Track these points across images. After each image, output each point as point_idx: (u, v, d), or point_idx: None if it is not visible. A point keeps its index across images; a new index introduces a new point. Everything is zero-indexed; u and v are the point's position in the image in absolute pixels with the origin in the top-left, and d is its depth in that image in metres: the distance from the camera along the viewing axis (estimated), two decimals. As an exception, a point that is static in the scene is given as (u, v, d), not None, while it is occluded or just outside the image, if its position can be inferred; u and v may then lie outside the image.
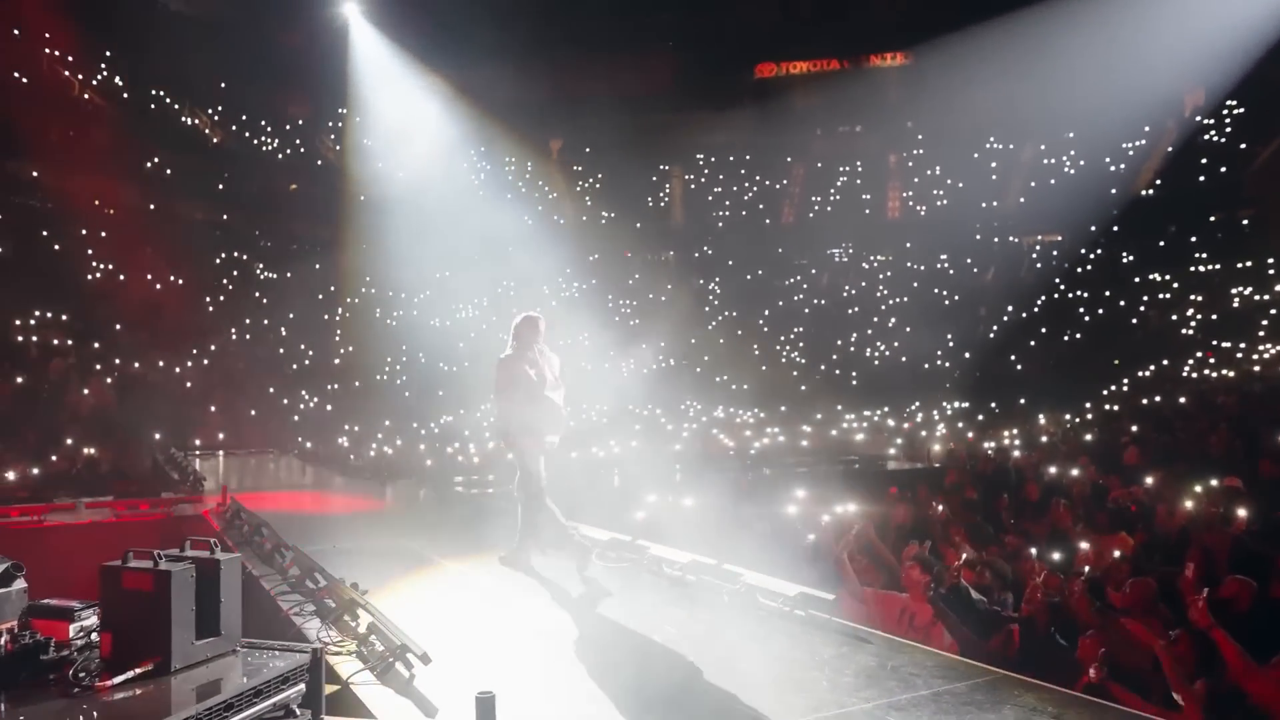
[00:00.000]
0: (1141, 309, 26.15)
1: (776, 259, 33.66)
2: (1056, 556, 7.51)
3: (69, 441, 14.13)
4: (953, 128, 32.47)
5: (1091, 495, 11.51)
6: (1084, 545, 7.61)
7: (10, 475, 10.41)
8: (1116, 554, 7.62)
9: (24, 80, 27.06)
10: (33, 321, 19.42)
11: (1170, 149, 30.53)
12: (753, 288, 33.11)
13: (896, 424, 20.20)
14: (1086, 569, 7.23)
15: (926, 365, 26.06)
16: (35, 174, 25.99)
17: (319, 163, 32.91)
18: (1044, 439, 16.89)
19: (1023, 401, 22.46)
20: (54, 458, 12.16)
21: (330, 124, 33.95)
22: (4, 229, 22.97)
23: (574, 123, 36.50)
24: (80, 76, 28.98)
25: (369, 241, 32.39)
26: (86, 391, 16.76)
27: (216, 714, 2.33)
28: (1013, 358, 26.28)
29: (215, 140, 32.10)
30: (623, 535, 6.15)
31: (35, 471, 11.43)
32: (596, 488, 9.66)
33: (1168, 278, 26.62)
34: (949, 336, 27.63)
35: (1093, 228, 29.41)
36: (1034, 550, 8.13)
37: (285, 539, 5.50)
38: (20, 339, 18.52)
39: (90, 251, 24.10)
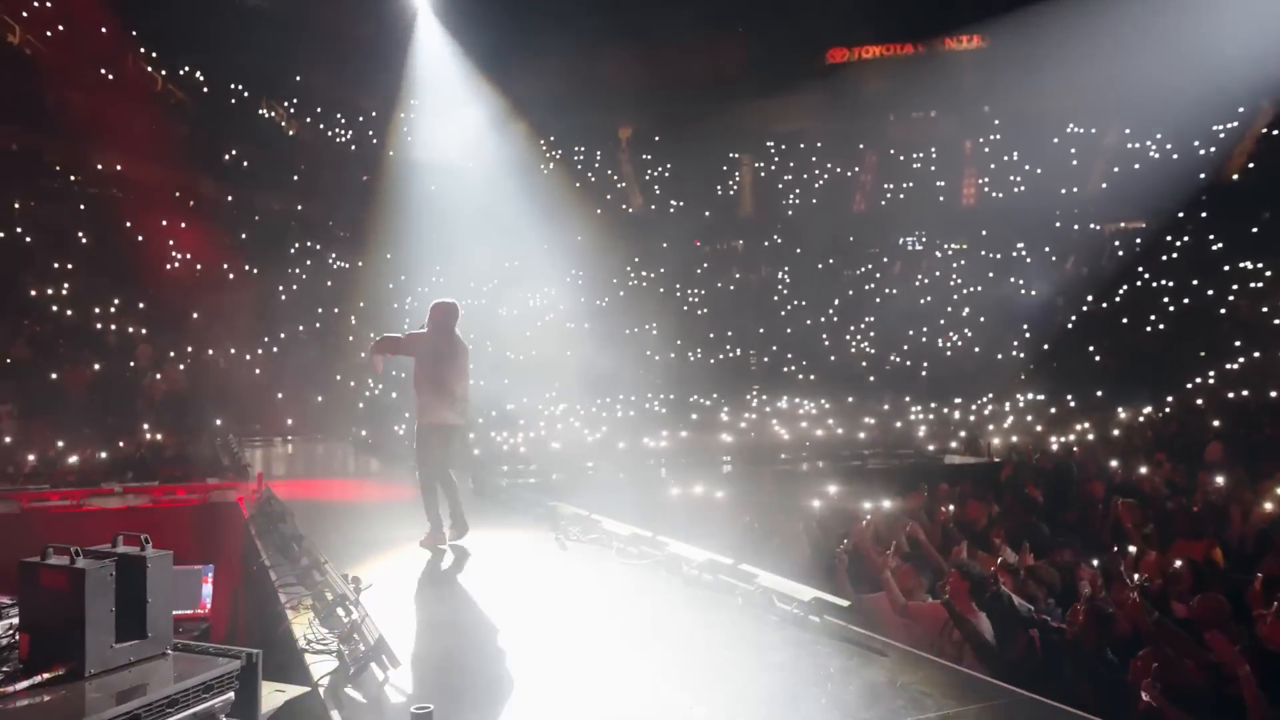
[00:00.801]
0: (1231, 299, 24.97)
1: (847, 247, 33.06)
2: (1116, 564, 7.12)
3: (145, 426, 14.57)
4: (1031, 112, 31.41)
5: (1165, 495, 10.97)
6: (1133, 550, 7.18)
7: (73, 459, 10.73)
8: (1178, 563, 7.18)
9: (110, 76, 27.92)
10: (112, 310, 20.00)
11: (1265, 131, 29.09)
12: (823, 277, 32.59)
13: (963, 417, 19.62)
14: (1143, 577, 6.80)
15: (1000, 356, 25.31)
16: (119, 167, 26.81)
17: (390, 154, 33.29)
18: (1116, 433, 16.27)
19: (1100, 395, 21.67)
20: (120, 443, 12.50)
21: (401, 115, 34.33)
22: (88, 220, 23.70)
23: (643, 111, 36.36)
24: (163, 72, 29.82)
25: (439, 231, 32.78)
26: (159, 377, 17.22)
27: (118, 726, 2.22)
28: (1091, 349, 25.35)
29: (291, 132, 32.75)
30: (643, 530, 6.01)
31: (103, 455, 11.77)
32: (638, 478, 9.55)
33: (1260, 266, 25.34)
34: (1025, 327, 26.81)
35: (1180, 214, 28.21)
36: (1095, 558, 7.73)
37: (300, 529, 5.50)
38: (99, 326, 19.08)
39: (170, 242, 24.74)
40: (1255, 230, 26.53)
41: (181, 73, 30.18)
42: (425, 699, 2.95)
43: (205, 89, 30.61)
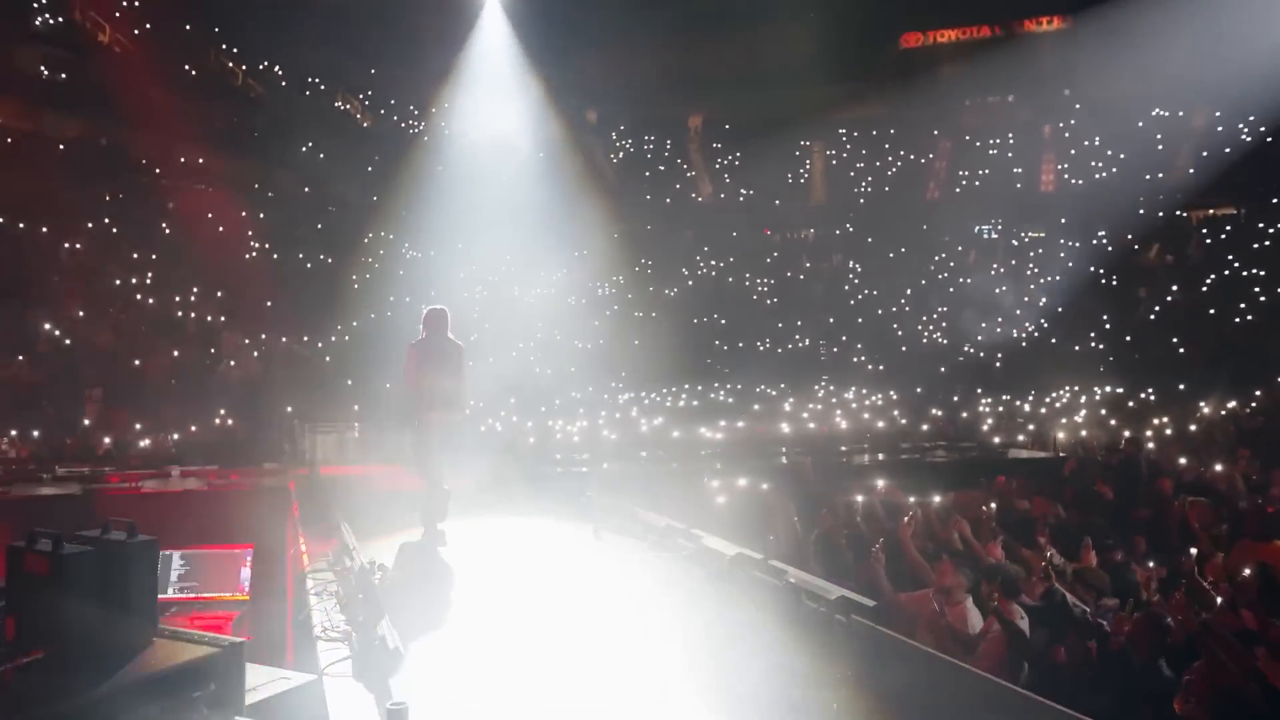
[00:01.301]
0: (1326, 289, 23.89)
1: (920, 236, 32.41)
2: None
3: (221, 412, 15.04)
4: (1114, 95, 30.31)
5: (1241, 494, 10.51)
6: (1194, 552, 6.86)
7: (145, 443, 11.12)
8: (1247, 570, 6.82)
9: (192, 72, 28.79)
10: (192, 298, 20.62)
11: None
12: (895, 266, 32.02)
13: (1033, 410, 19.12)
14: (1209, 581, 6.49)
15: (1078, 348, 24.56)
16: (200, 160, 27.64)
17: (461, 145, 33.67)
18: (1193, 428, 15.66)
19: (1182, 388, 20.91)
20: (193, 427, 12.91)
21: (471, 106, 34.65)
22: (171, 211, 24.47)
23: (713, 99, 36.15)
24: (243, 67, 30.62)
25: (508, 221, 33.09)
26: (234, 364, 17.71)
27: (92, 709, 2.27)
28: (1174, 340, 24.46)
29: (365, 124, 33.35)
30: (678, 523, 5.98)
31: (175, 437, 12.18)
32: (690, 469, 9.52)
33: (1359, 255, 24.18)
34: (1104, 317, 25.99)
35: (1274, 200, 27.00)
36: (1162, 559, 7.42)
37: (339, 515, 5.60)
38: (179, 315, 19.70)
39: (249, 233, 25.42)
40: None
41: (260, 67, 30.93)
42: (427, 692, 2.99)
43: (283, 83, 31.34)
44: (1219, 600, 5.88)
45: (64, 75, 24.80)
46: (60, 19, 25.60)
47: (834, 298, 31.62)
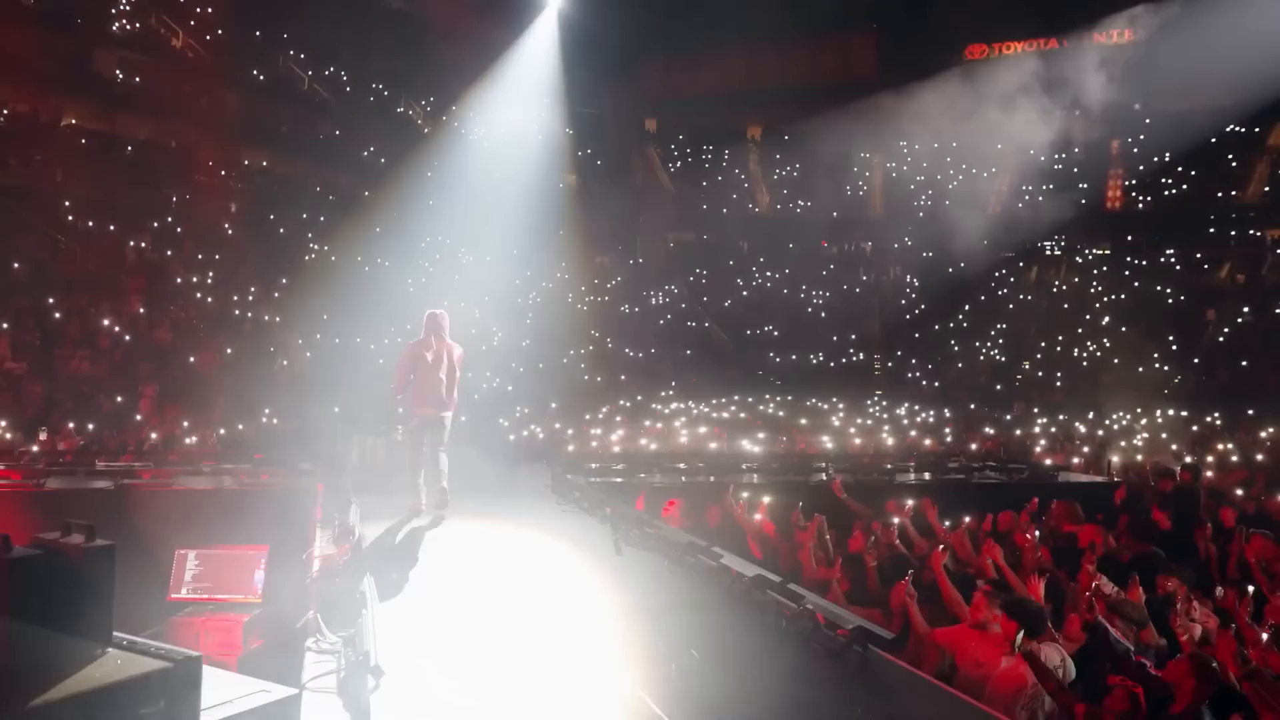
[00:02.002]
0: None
1: (981, 251, 31.83)
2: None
3: (267, 410, 15.28)
4: (1186, 110, 29.42)
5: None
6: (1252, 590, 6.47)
7: (191, 439, 11.33)
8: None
9: (260, 77, 29.45)
10: (250, 297, 21.02)
11: None
12: (953, 281, 31.50)
13: (1089, 431, 18.60)
14: (1268, 624, 6.13)
15: (1141, 369, 23.88)
16: (265, 163, 28.27)
17: (518, 152, 33.93)
18: (1260, 457, 15.06)
19: (1251, 413, 20.19)
20: (240, 425, 13.13)
21: (533, 114, 34.94)
22: (236, 214, 25.01)
23: (772, 110, 35.95)
24: (309, 72, 31.22)
25: (566, 228, 33.31)
26: (286, 363, 18.00)
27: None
28: (1244, 364, 23.67)
29: (426, 129, 33.79)
30: (699, 540, 5.88)
31: (221, 432, 12.40)
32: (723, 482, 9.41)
33: None
34: (1171, 338, 25.24)
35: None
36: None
37: (357, 518, 5.60)
38: (236, 313, 20.09)
39: (309, 235, 25.89)
40: None
41: (326, 72, 31.51)
42: (409, 710, 2.95)
43: (347, 88, 31.88)
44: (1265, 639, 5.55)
45: (138, 79, 25.50)
46: (137, 25, 26.35)
47: (890, 311, 31.22)
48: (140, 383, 14.99)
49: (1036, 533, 7.58)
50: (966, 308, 29.52)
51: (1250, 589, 6.99)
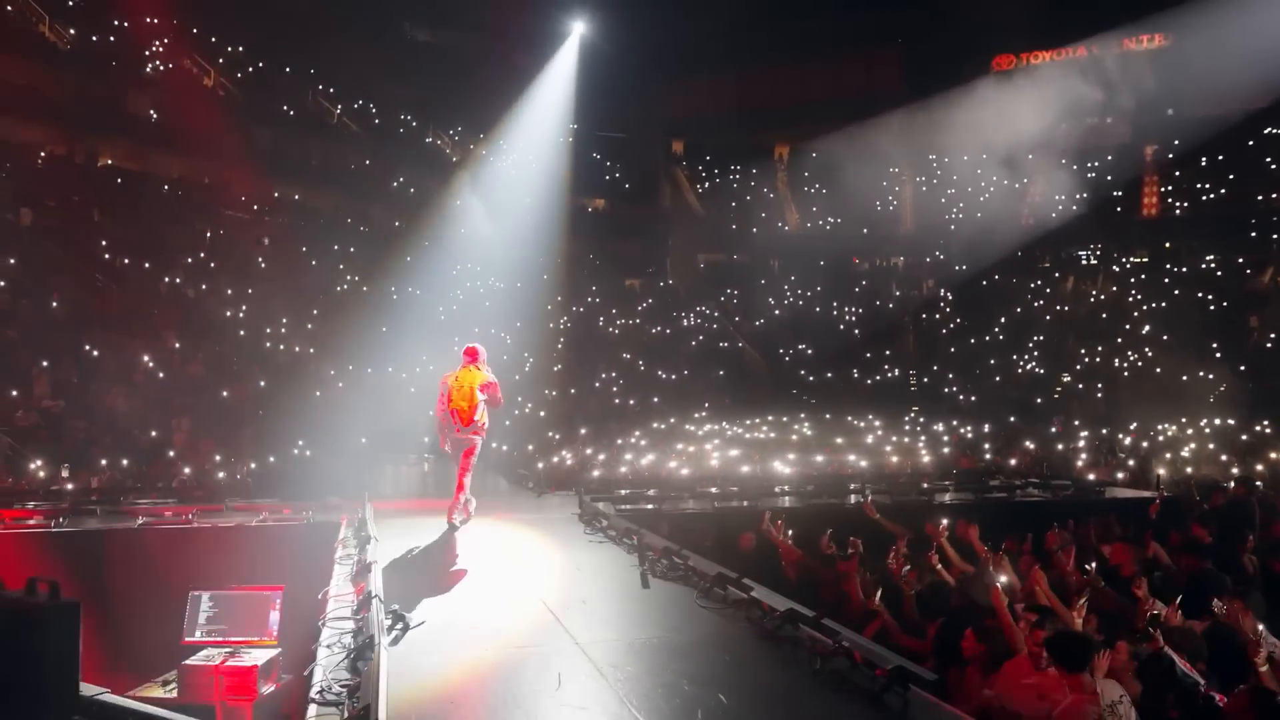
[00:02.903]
0: None
1: (1015, 262, 31.40)
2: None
3: (300, 443, 15.31)
4: (1220, 114, 28.83)
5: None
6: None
7: (221, 474, 11.33)
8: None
9: (290, 111, 29.85)
10: (282, 329, 21.15)
11: None
12: (988, 293, 31.10)
13: (1134, 443, 18.15)
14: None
15: (1185, 378, 23.33)
16: (296, 196, 28.57)
17: (548, 177, 34.08)
18: (1314, 468, 14.58)
19: (1301, 422, 19.63)
20: (271, 458, 13.13)
21: (561, 140, 35.12)
22: (268, 247, 25.25)
23: (799, 128, 35.81)
24: (339, 107, 31.60)
25: (596, 252, 33.33)
26: (319, 394, 18.04)
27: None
28: (1292, 371, 23.09)
29: (455, 159, 34.03)
30: (729, 571, 5.70)
31: (251, 466, 12.40)
32: (756, 506, 9.23)
33: None
34: (1215, 346, 24.65)
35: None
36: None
37: (375, 553, 5.49)
38: (269, 345, 20.21)
39: (341, 266, 26.08)
40: None
41: (355, 106, 31.86)
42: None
43: (376, 120, 32.21)
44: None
45: (171, 118, 25.92)
46: (170, 65, 26.81)
47: (924, 326, 30.86)
48: (173, 417, 15.05)
49: (1074, 552, 7.24)
50: (1003, 320, 29.07)
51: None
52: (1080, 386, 25.16)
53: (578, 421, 19.68)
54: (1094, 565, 7.48)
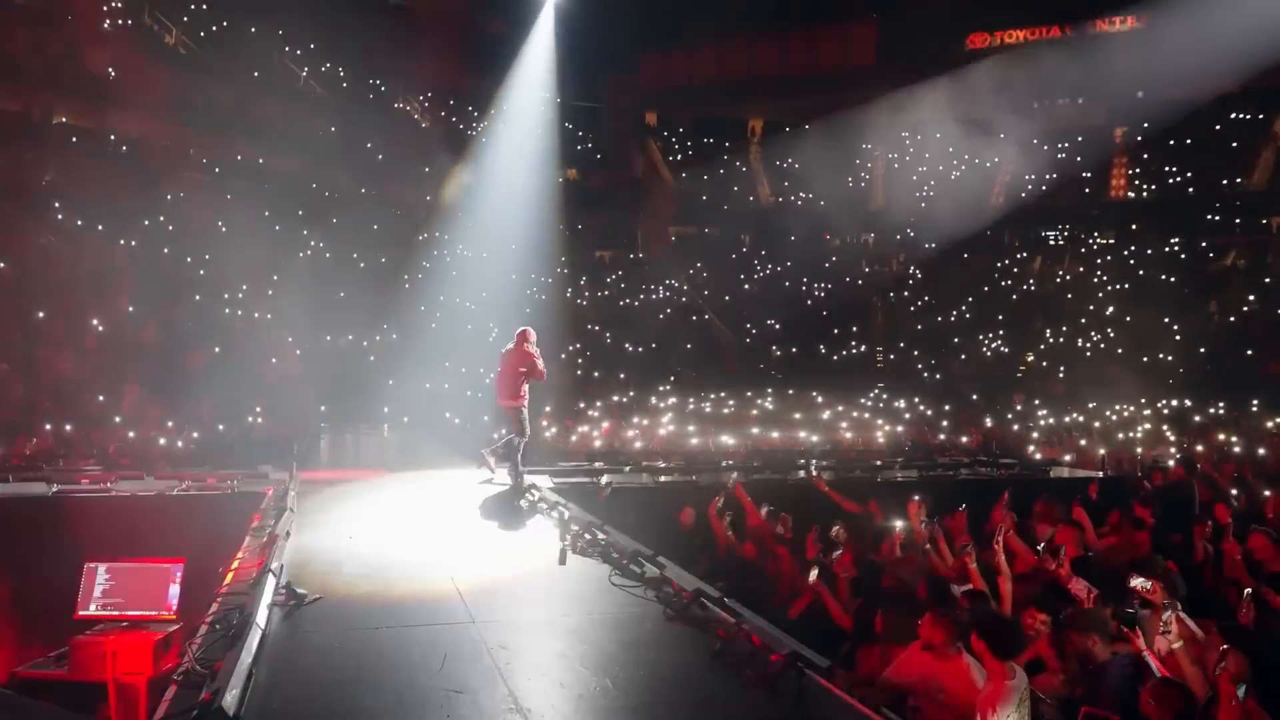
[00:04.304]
0: None
1: (984, 241, 31.44)
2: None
3: (257, 410, 15.11)
4: (1190, 97, 28.87)
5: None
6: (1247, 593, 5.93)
7: (162, 441, 11.15)
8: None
9: (255, 73, 29.30)
10: (240, 295, 20.83)
11: None
12: (956, 272, 31.16)
13: (1087, 422, 18.31)
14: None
15: (1146, 359, 23.51)
16: (261, 160, 28.10)
17: (516, 147, 33.73)
18: (1262, 451, 14.69)
19: (1256, 405, 19.85)
20: (220, 426, 12.95)
21: (533, 110, 34.69)
22: (231, 208, 24.72)
23: (773, 102, 35.62)
24: (305, 69, 31.04)
25: (566, 225, 33.04)
26: (275, 361, 17.81)
27: None
28: (1250, 353, 23.29)
29: (424, 125, 33.59)
30: (645, 549, 5.64)
31: (195, 436, 12.22)
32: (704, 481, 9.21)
33: None
34: (1175, 328, 24.85)
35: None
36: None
37: (292, 527, 5.38)
38: (228, 311, 19.91)
39: (305, 231, 25.68)
40: None
41: (322, 69, 31.31)
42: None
43: (344, 84, 31.70)
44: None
45: (130, 77, 25.34)
46: (129, 21, 26.17)
47: (893, 303, 30.90)
48: (123, 383, 14.80)
49: (1011, 531, 7.16)
50: (970, 299, 29.15)
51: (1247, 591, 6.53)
52: (1044, 365, 25.32)
53: (542, 391, 19.47)
54: (1041, 547, 7.48)
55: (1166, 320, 25.03)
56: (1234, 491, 10.96)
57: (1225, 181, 29.81)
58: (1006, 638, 4.71)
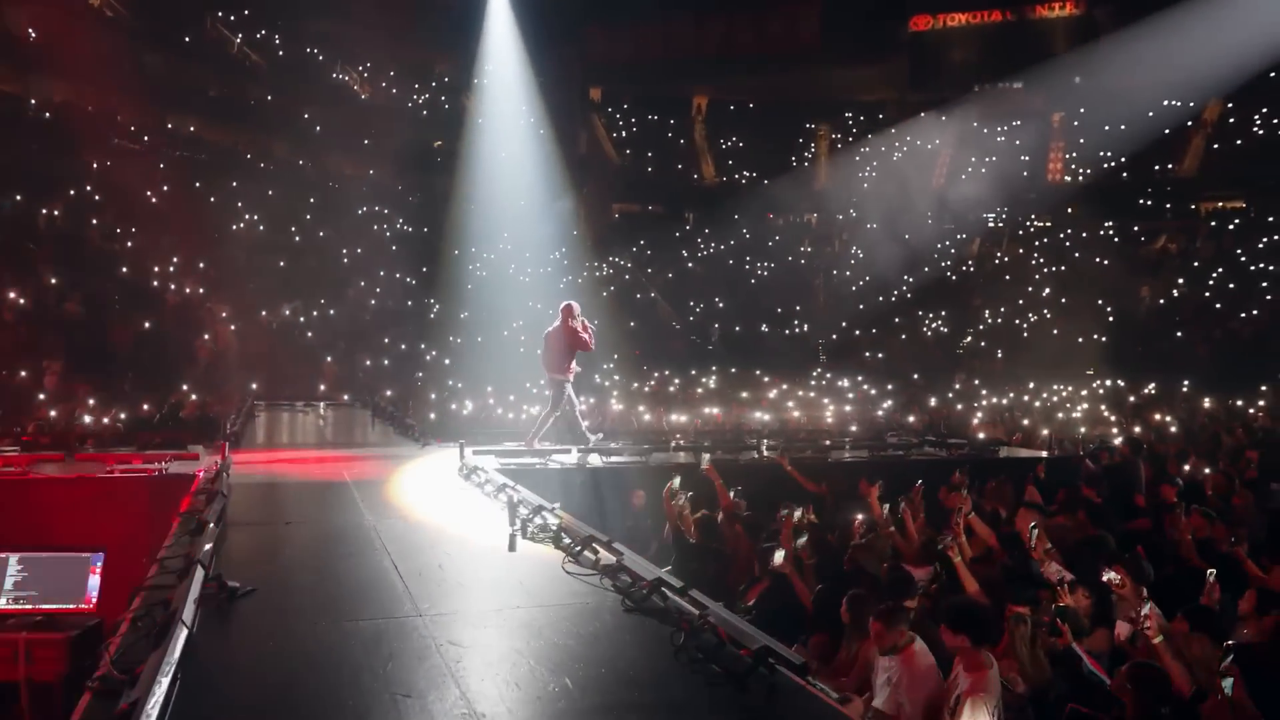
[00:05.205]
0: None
1: (925, 223, 31.70)
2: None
3: (184, 388, 14.59)
4: (1126, 84, 29.34)
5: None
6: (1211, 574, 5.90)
7: (87, 419, 10.67)
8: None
9: (187, 39, 28.27)
10: (171, 268, 20.15)
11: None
12: (898, 253, 31.35)
13: (1028, 403, 18.58)
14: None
15: (1080, 340, 23.91)
16: (192, 128, 27.15)
17: (464, 119, 33.09)
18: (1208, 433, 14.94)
19: (1186, 386, 20.33)
20: (145, 405, 12.45)
21: (475, 81, 34.07)
22: (162, 178, 23.82)
23: (718, 79, 35.40)
24: (239, 35, 30.02)
25: (508, 199, 32.51)
26: (207, 338, 17.27)
27: None
28: (1180, 335, 23.84)
29: (364, 96, 32.79)
30: (600, 535, 5.44)
31: (123, 416, 11.72)
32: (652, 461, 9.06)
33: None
34: (1109, 309, 25.33)
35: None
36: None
37: (219, 511, 5.08)
38: (157, 285, 19.24)
39: (240, 204, 24.90)
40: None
41: (258, 36, 30.34)
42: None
43: (280, 52, 30.76)
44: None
45: (52, 39, 24.20)
46: (52, -20, 25.00)
47: (835, 284, 31.02)
48: (44, 358, 14.18)
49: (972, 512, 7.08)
50: (911, 280, 29.37)
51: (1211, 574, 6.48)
52: (983, 345, 25.64)
53: (483, 370, 19.18)
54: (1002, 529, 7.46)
55: (1100, 302, 25.47)
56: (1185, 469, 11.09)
57: (1157, 168, 30.41)
58: (986, 624, 4.68)
